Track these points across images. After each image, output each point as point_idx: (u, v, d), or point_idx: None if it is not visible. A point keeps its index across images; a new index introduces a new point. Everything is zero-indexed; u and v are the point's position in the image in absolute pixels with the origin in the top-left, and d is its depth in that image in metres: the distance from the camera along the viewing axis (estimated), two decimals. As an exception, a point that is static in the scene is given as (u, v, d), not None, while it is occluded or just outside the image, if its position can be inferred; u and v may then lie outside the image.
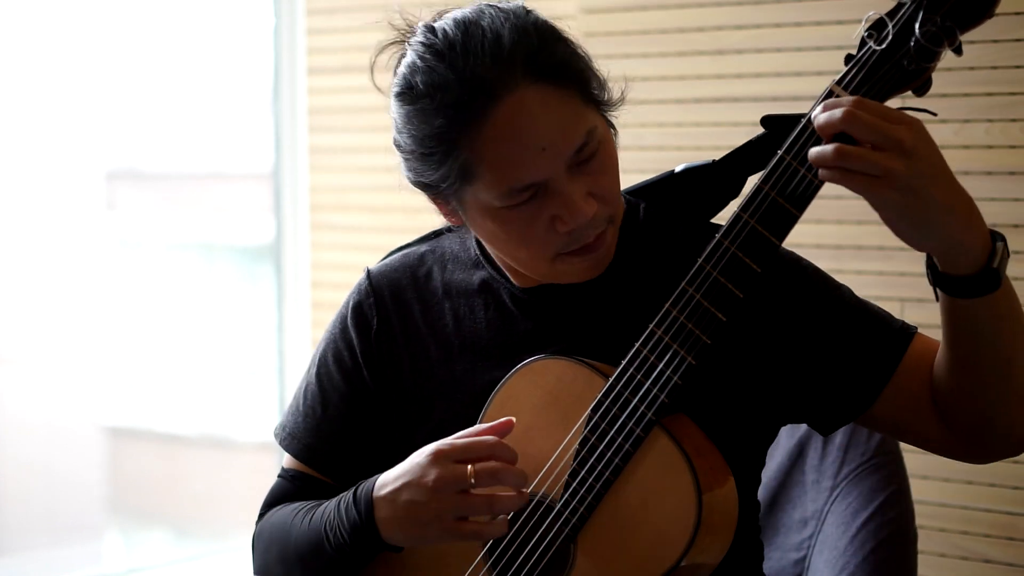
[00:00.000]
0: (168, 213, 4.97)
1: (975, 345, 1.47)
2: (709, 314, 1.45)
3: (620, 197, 1.57)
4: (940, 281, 1.44)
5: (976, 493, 2.55)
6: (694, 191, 1.61)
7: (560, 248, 1.54)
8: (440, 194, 1.57)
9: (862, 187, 1.37)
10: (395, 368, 1.69)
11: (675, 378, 1.46)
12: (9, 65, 3.95)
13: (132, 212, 4.84)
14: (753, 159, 1.48)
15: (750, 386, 1.60)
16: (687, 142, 2.88)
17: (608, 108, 1.57)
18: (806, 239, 2.72)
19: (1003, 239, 1.43)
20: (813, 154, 1.38)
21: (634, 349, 1.49)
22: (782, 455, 1.98)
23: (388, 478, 1.54)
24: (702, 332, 1.46)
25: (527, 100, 1.48)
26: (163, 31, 4.59)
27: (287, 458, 1.75)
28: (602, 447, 1.49)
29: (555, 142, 1.49)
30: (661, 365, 1.47)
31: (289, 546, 1.64)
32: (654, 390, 1.47)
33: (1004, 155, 2.53)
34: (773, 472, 1.98)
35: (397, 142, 1.58)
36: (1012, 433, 1.54)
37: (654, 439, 1.47)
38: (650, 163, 2.83)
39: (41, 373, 4.12)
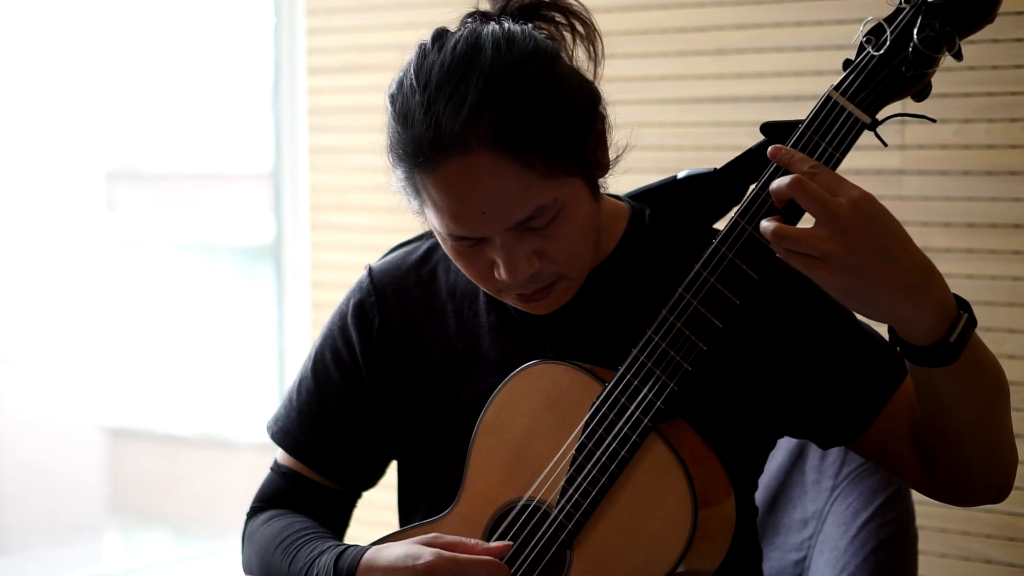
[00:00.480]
0: (168, 213, 4.96)
1: (939, 407, 1.47)
2: (706, 321, 1.45)
3: (581, 257, 1.55)
4: (899, 346, 1.44)
5: (976, 493, 2.55)
6: (696, 198, 1.61)
7: (500, 288, 1.55)
8: (408, 199, 1.57)
9: (802, 267, 1.36)
10: (396, 368, 1.69)
11: (671, 384, 1.46)
12: (9, 65, 3.94)
13: (132, 212, 4.84)
14: (754, 166, 1.47)
15: (748, 396, 1.60)
16: (687, 142, 2.88)
17: (599, 169, 1.55)
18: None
19: (968, 309, 1.41)
20: (762, 227, 1.37)
21: (631, 355, 1.48)
22: (782, 455, 1.98)
23: (377, 564, 1.53)
24: (698, 339, 1.45)
25: (477, 165, 1.46)
26: (163, 31, 4.58)
27: (281, 452, 1.75)
28: (599, 453, 1.48)
29: (496, 211, 1.48)
30: (658, 371, 1.46)
31: (271, 573, 1.65)
32: (650, 396, 1.46)
33: (1004, 155, 2.53)
34: (773, 472, 1.98)
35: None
36: (989, 483, 1.54)
37: (650, 445, 1.47)
38: (650, 163, 2.83)
39: (41, 373, 4.12)
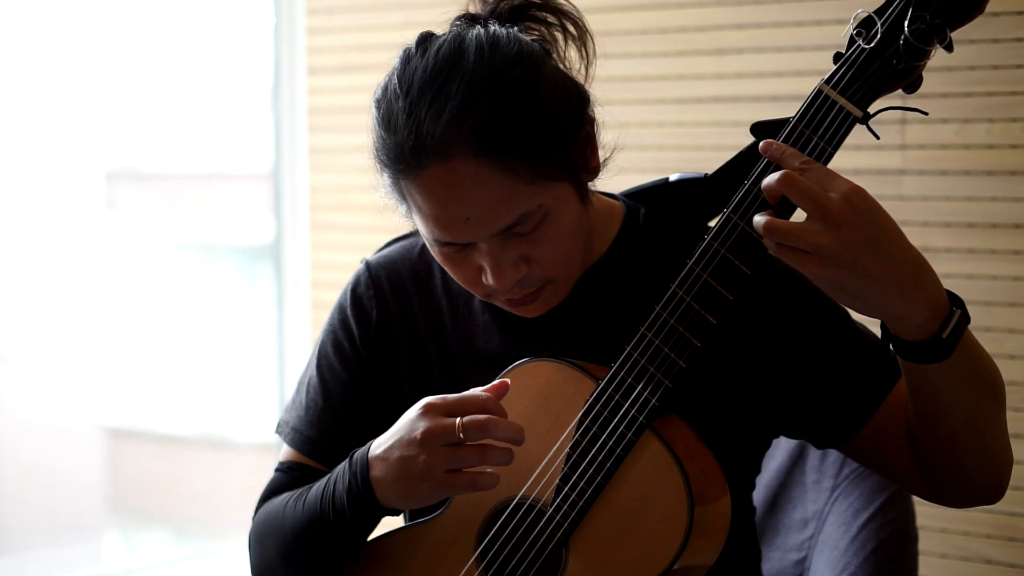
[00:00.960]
0: (168, 213, 4.96)
1: (932, 405, 1.47)
2: (699, 317, 1.45)
3: (569, 261, 1.55)
4: (892, 342, 1.43)
5: (976, 493, 2.54)
6: (687, 201, 1.60)
7: (490, 292, 1.55)
8: (394, 201, 1.57)
9: (793, 262, 1.36)
10: (393, 362, 1.69)
11: (666, 381, 1.46)
12: (9, 65, 3.94)
13: (132, 212, 4.84)
14: (745, 169, 1.47)
15: (742, 394, 1.59)
16: (687, 142, 2.88)
17: (588, 172, 1.55)
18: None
19: (962, 306, 1.41)
20: (754, 222, 1.37)
21: (625, 352, 1.48)
22: (782, 455, 1.98)
23: (383, 438, 1.53)
24: (692, 335, 1.45)
25: (460, 171, 1.45)
26: (163, 31, 4.58)
27: (284, 451, 1.74)
28: (593, 451, 1.48)
29: (480, 217, 1.47)
30: (652, 368, 1.46)
31: (286, 532, 1.62)
32: (645, 393, 1.46)
33: (1005, 155, 2.52)
34: (773, 472, 1.98)
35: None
36: (983, 484, 1.53)
37: (645, 443, 1.46)
38: (650, 163, 2.83)
39: (41, 373, 4.12)
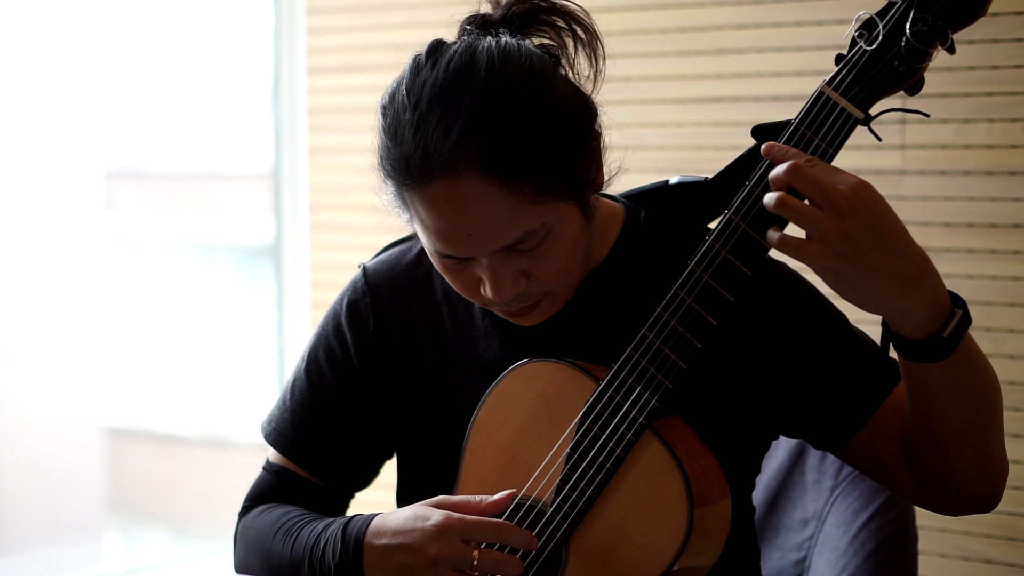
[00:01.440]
0: (168, 213, 4.97)
1: (930, 406, 1.47)
2: (700, 318, 1.45)
3: (567, 276, 1.55)
4: (892, 340, 1.43)
5: (976, 493, 2.54)
6: (688, 205, 1.60)
7: (486, 303, 1.55)
8: (397, 209, 1.57)
9: (797, 253, 1.36)
10: (391, 370, 1.68)
11: (666, 382, 1.45)
12: (9, 65, 3.94)
13: (132, 212, 4.84)
14: (745, 173, 1.47)
15: (741, 395, 1.59)
16: (687, 142, 2.88)
17: (593, 188, 1.54)
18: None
19: (964, 306, 1.41)
20: (765, 199, 1.38)
21: (626, 353, 1.48)
22: (782, 455, 1.98)
23: (385, 528, 1.52)
24: (693, 336, 1.45)
25: (464, 189, 1.45)
26: (163, 31, 4.59)
27: (273, 451, 1.74)
28: (593, 451, 1.48)
29: (483, 234, 1.47)
30: (652, 369, 1.46)
31: (272, 563, 1.64)
32: (645, 394, 1.46)
33: (1005, 155, 2.53)
34: (773, 472, 1.98)
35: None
36: (977, 491, 1.53)
37: (645, 443, 1.46)
38: (650, 163, 2.84)
39: (41, 373, 4.12)
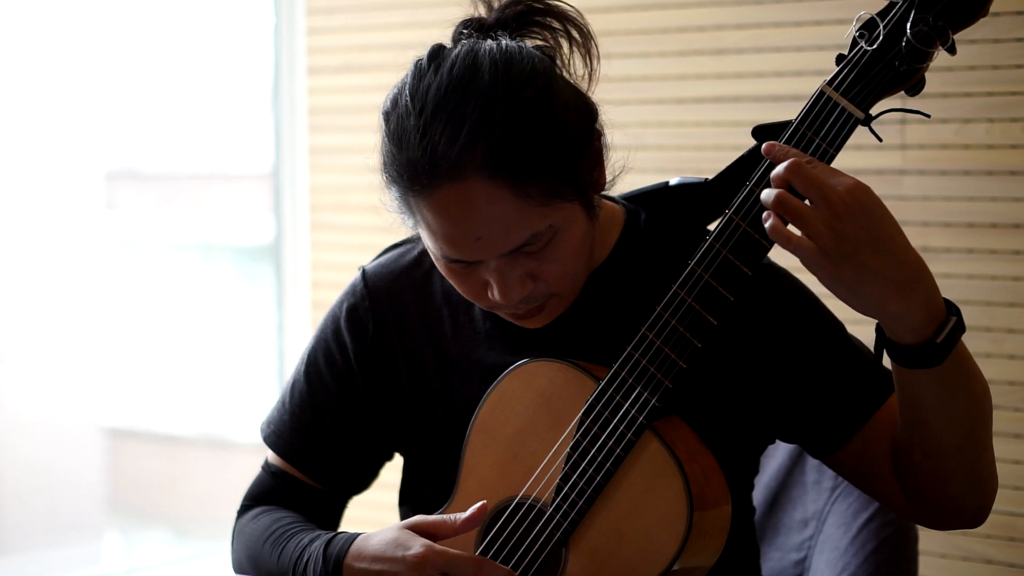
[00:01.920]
0: (168, 213, 4.97)
1: (921, 414, 1.46)
2: (700, 318, 1.45)
3: (573, 278, 1.55)
4: (885, 345, 1.43)
5: (976, 493, 2.54)
6: (688, 206, 1.60)
7: (492, 306, 1.55)
8: (401, 215, 1.56)
9: (793, 247, 1.36)
10: (391, 374, 1.68)
11: (666, 382, 1.45)
12: (9, 65, 3.94)
13: (132, 212, 4.84)
14: (746, 173, 1.47)
15: (739, 396, 1.59)
16: (687, 142, 2.88)
17: (596, 188, 1.54)
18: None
19: (958, 313, 1.41)
20: (763, 196, 1.38)
21: (626, 353, 1.48)
22: (782, 455, 1.98)
23: (365, 552, 1.52)
24: (693, 336, 1.45)
25: (472, 192, 1.45)
26: (163, 31, 4.59)
27: (270, 452, 1.75)
28: (593, 451, 1.48)
29: (491, 236, 1.47)
30: (652, 369, 1.46)
31: (261, 568, 1.65)
32: (645, 394, 1.46)
33: (1005, 155, 2.53)
34: (773, 472, 1.98)
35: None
36: (965, 506, 1.53)
37: (645, 443, 1.46)
38: (650, 163, 2.83)
39: (41, 373, 4.12)
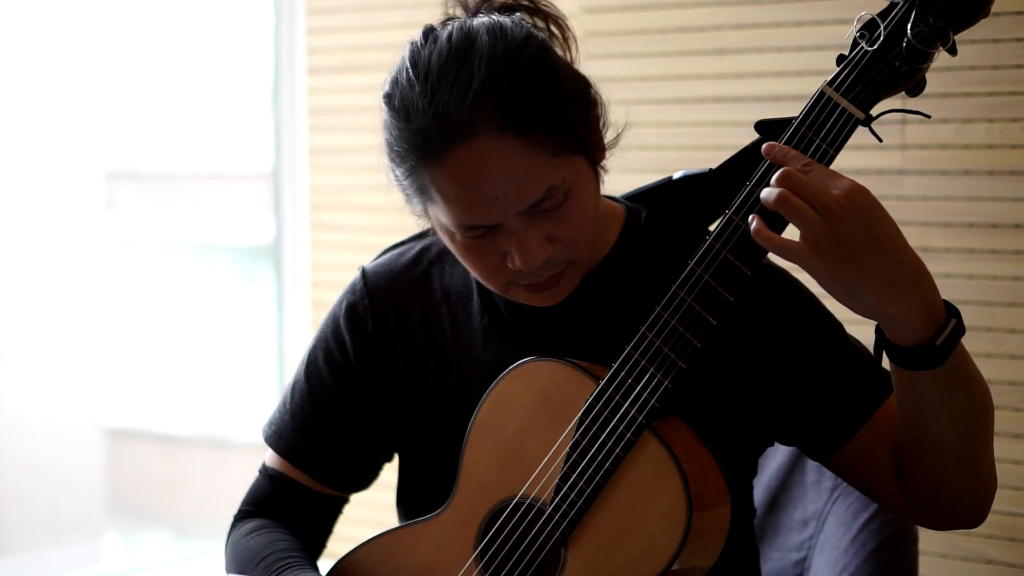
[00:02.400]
0: (168, 213, 4.97)
1: (920, 416, 1.47)
2: (700, 318, 1.45)
3: (589, 241, 1.55)
4: (885, 346, 1.43)
5: (976, 493, 2.54)
6: (692, 199, 1.60)
7: (511, 280, 1.54)
8: (410, 201, 1.56)
9: (792, 256, 1.37)
10: (390, 373, 1.69)
11: (666, 382, 1.45)
12: (9, 65, 3.94)
13: (132, 212, 4.84)
14: (750, 165, 1.47)
15: (738, 397, 1.59)
16: (687, 142, 2.88)
17: (598, 151, 1.55)
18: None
19: (958, 315, 1.41)
20: (763, 195, 1.38)
21: (625, 352, 1.48)
22: (782, 455, 1.98)
23: None
24: (692, 336, 1.45)
25: (485, 149, 1.45)
26: (163, 31, 4.59)
27: (270, 455, 1.75)
28: (593, 450, 1.48)
29: (508, 194, 1.47)
30: (652, 368, 1.46)
31: None
32: (645, 394, 1.46)
33: (1005, 155, 2.53)
34: (773, 472, 1.98)
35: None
36: (965, 506, 1.53)
37: (644, 443, 1.46)
38: (650, 163, 2.83)
39: (41, 373, 4.12)
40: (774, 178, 1.37)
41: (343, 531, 1.80)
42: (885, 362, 1.49)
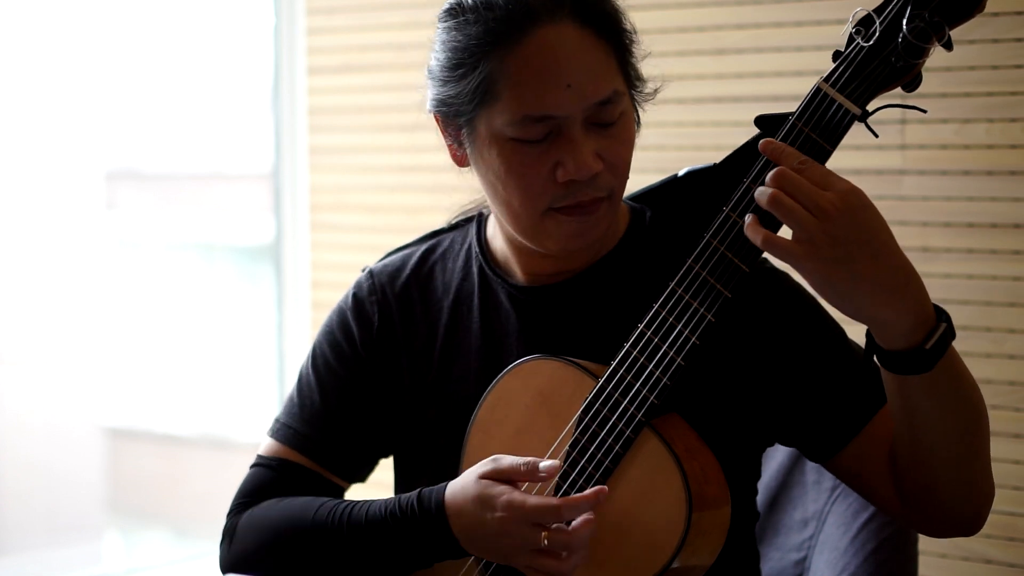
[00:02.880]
0: (168, 213, 4.97)
1: (913, 421, 1.47)
2: (698, 314, 1.45)
3: (626, 176, 1.57)
4: (875, 351, 1.43)
5: (976, 493, 2.54)
6: (698, 194, 1.60)
7: (554, 201, 1.53)
8: (454, 120, 1.56)
9: (785, 256, 1.37)
10: (393, 368, 1.69)
11: (665, 379, 1.45)
12: (9, 65, 3.95)
13: (132, 212, 4.84)
14: (754, 159, 1.47)
15: (738, 396, 1.59)
16: (687, 142, 2.87)
17: (639, 91, 1.59)
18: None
19: (948, 320, 1.41)
20: (757, 193, 1.39)
21: (624, 350, 1.48)
22: (782, 455, 1.98)
23: (459, 510, 1.49)
24: (691, 332, 1.45)
25: (566, 35, 1.50)
26: (163, 31, 4.59)
27: (266, 446, 1.71)
28: (592, 448, 1.48)
29: (582, 84, 1.49)
30: (651, 366, 1.46)
31: (293, 545, 1.58)
32: (644, 391, 1.46)
33: (1005, 155, 2.52)
34: (773, 472, 1.98)
35: (428, 68, 1.59)
36: (960, 512, 1.53)
37: (644, 441, 1.46)
38: (650, 163, 2.83)
39: (41, 373, 4.12)
40: (769, 176, 1.38)
41: (343, 530, 1.80)
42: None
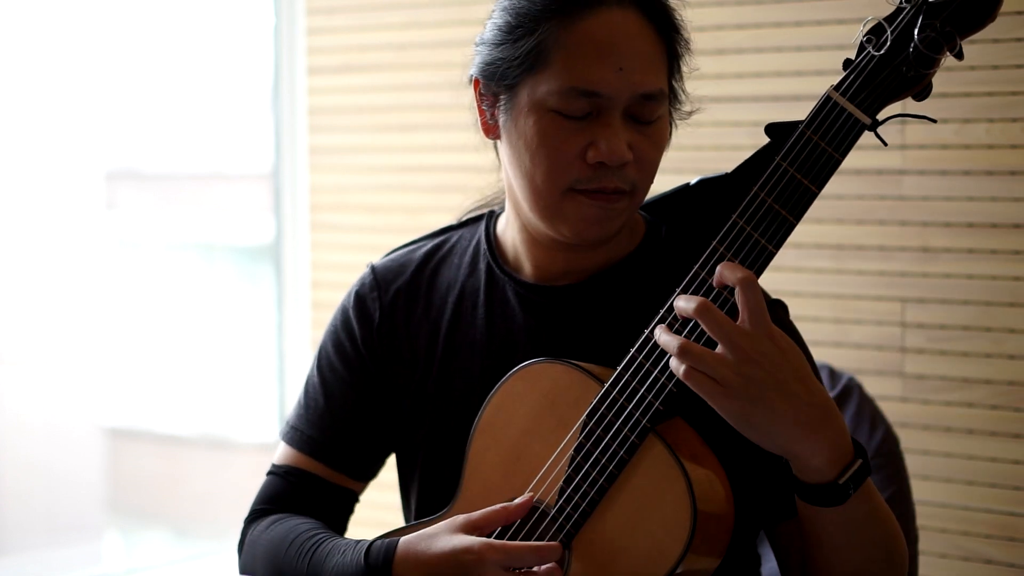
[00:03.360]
0: (168, 213, 4.97)
1: (821, 547, 1.48)
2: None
3: (651, 178, 1.58)
4: (791, 481, 1.45)
5: (977, 494, 2.55)
6: (711, 204, 1.60)
7: (577, 182, 1.54)
8: (498, 84, 1.57)
9: (702, 391, 1.38)
10: (395, 366, 1.69)
11: (670, 385, 1.45)
12: (9, 65, 3.95)
13: (132, 212, 4.84)
14: (765, 167, 1.47)
15: None
16: (687, 142, 2.86)
17: (676, 107, 1.61)
18: (806, 238, 2.71)
19: (865, 456, 1.43)
20: (664, 340, 1.41)
21: (629, 355, 1.47)
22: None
23: (420, 555, 1.50)
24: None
25: (631, 19, 1.52)
26: (163, 31, 4.59)
27: (279, 453, 1.74)
28: (597, 453, 1.47)
29: (633, 71, 1.51)
30: (656, 371, 1.45)
31: (284, 572, 1.62)
32: (649, 397, 1.45)
33: (1005, 155, 2.53)
34: (774, 473, 1.98)
35: (480, 36, 1.60)
36: None
37: (649, 446, 1.46)
38: (650, 163, 2.83)
39: (41, 373, 4.12)
40: (691, 307, 1.39)
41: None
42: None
